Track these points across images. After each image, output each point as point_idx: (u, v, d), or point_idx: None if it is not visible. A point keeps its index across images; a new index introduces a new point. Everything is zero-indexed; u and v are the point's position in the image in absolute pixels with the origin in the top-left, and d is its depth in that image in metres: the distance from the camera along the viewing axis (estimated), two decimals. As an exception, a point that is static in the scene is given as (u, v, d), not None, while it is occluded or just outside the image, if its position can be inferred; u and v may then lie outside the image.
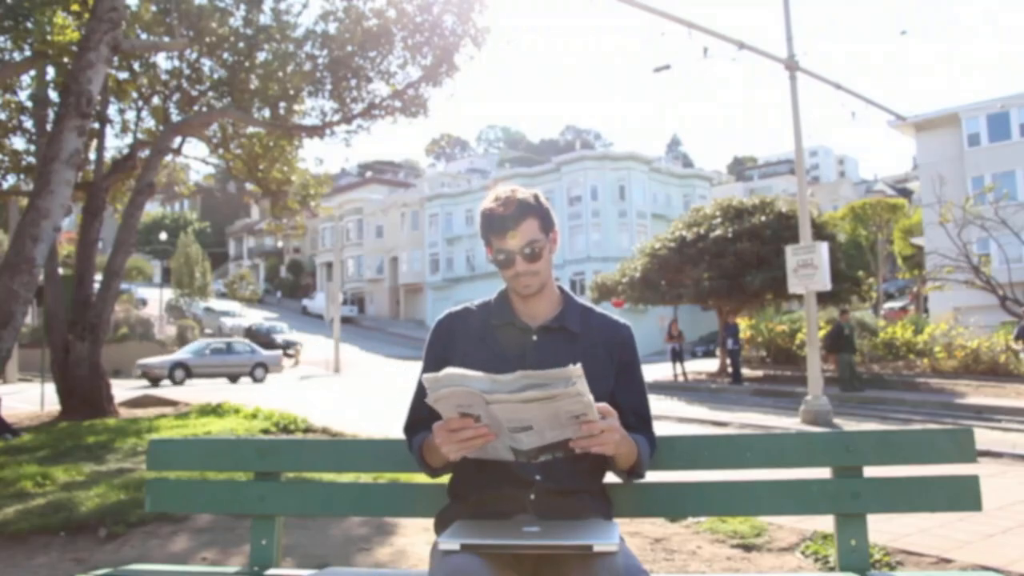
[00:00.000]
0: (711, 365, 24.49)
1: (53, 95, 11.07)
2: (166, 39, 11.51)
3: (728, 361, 20.27)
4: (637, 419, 1.92)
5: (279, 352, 28.55)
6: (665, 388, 19.05)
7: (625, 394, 1.91)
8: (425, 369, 1.96)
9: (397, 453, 2.04)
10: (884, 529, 3.85)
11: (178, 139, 12.71)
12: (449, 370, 1.52)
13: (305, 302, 56.59)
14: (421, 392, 1.95)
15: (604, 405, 1.62)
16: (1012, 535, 3.87)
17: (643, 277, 21.61)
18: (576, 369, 1.48)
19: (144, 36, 11.81)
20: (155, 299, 41.05)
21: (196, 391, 14.81)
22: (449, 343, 1.92)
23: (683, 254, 20.48)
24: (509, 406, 1.50)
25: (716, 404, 15.34)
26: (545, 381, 1.48)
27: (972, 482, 1.98)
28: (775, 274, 17.21)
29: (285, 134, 12.66)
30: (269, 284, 67.23)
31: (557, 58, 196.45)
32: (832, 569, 3.29)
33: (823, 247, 11.85)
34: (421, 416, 1.95)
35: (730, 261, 19.32)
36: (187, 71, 12.74)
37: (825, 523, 3.86)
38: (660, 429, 2.02)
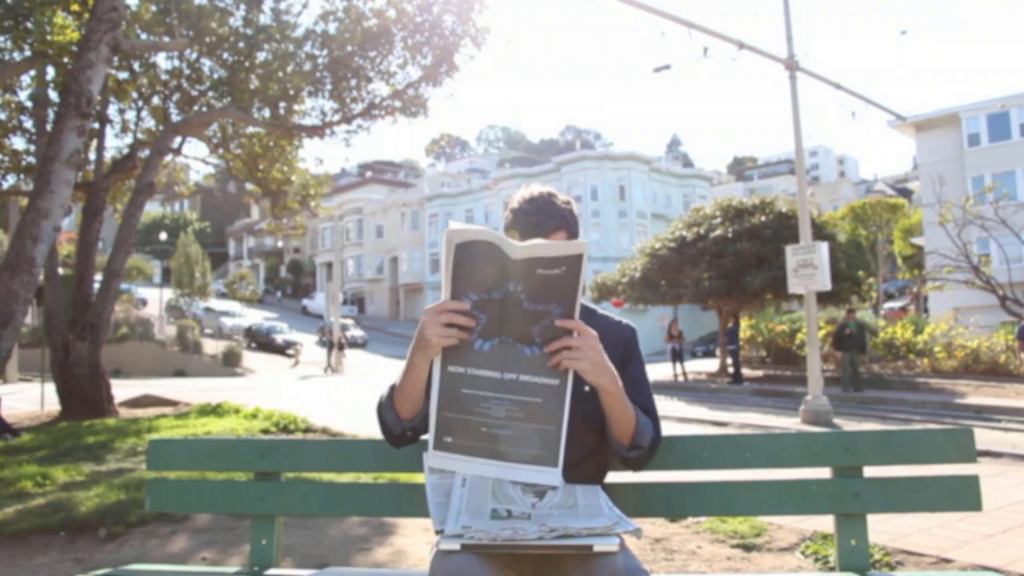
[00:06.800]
0: (711, 365, 24.51)
1: (53, 95, 11.07)
2: (166, 39, 11.50)
3: (729, 361, 20.28)
4: (643, 415, 1.91)
5: None
6: (665, 388, 19.05)
7: (629, 393, 1.90)
8: None
9: (397, 453, 2.03)
10: (884, 529, 3.85)
11: (178, 139, 12.69)
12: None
13: (305, 302, 56.66)
14: None
15: (584, 326, 1.57)
16: (1012, 535, 3.87)
17: (643, 277, 21.61)
18: (585, 244, 1.52)
19: (144, 36, 11.80)
20: (155, 299, 41.04)
21: (196, 391, 14.80)
22: None
23: (683, 254, 20.48)
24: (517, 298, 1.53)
25: (716, 404, 15.34)
26: (553, 254, 1.51)
27: (972, 482, 1.98)
28: (775, 274, 17.22)
29: (285, 134, 12.65)
30: (269, 285, 67.21)
31: (557, 58, 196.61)
32: (832, 569, 3.29)
33: (823, 247, 11.85)
34: None
35: (730, 261, 19.32)
36: (187, 71, 12.73)
37: (825, 523, 3.87)
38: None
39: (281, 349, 36.66)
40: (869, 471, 2.02)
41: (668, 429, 1.94)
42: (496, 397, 1.57)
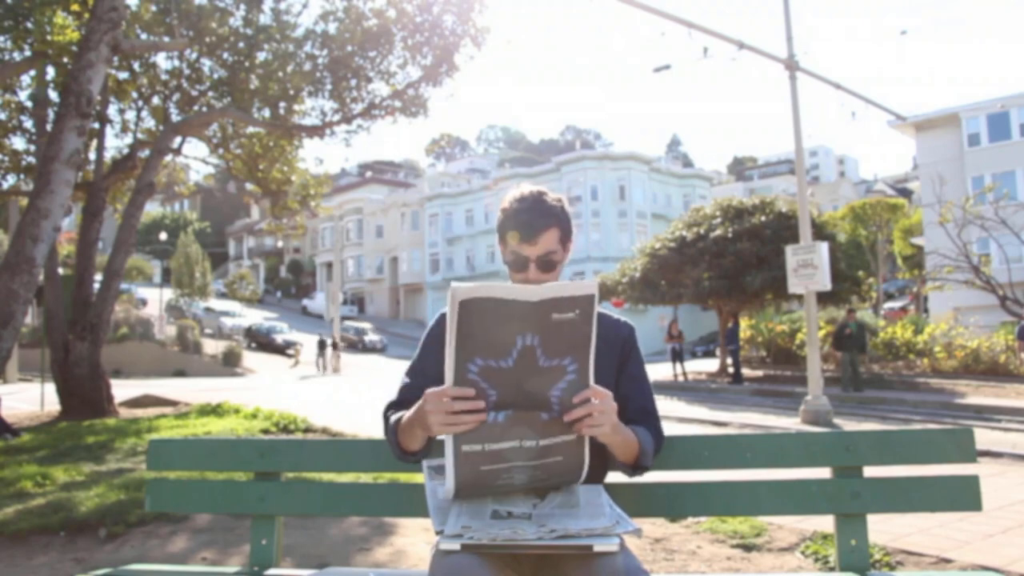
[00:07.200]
0: (711, 365, 24.51)
1: (53, 95, 11.07)
2: (166, 39, 11.51)
3: (729, 361, 20.28)
4: (642, 414, 1.91)
5: None
6: (665, 388, 19.05)
7: (629, 391, 1.90)
8: (420, 360, 1.91)
9: (397, 453, 2.04)
10: (884, 529, 3.85)
11: (178, 139, 12.70)
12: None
13: (305, 302, 56.68)
14: (412, 380, 1.89)
15: (600, 388, 1.58)
16: (1012, 535, 3.87)
17: (643, 277, 21.61)
18: (594, 284, 1.51)
19: (144, 36, 11.81)
20: (155, 299, 41.04)
21: (196, 391, 14.79)
22: None
23: (683, 254, 20.48)
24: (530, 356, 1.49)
25: (716, 404, 15.34)
26: (567, 294, 1.48)
27: (972, 482, 1.98)
28: (775, 274, 17.22)
29: (285, 134, 12.65)
30: (269, 285, 67.20)
31: (557, 58, 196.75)
32: (832, 569, 3.29)
33: (823, 247, 11.85)
34: (408, 398, 1.89)
35: (730, 261, 19.32)
36: (187, 71, 12.74)
37: (825, 523, 3.87)
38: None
39: (281, 349, 36.68)
40: (869, 471, 2.02)
41: (668, 429, 1.93)
42: (517, 466, 1.56)
